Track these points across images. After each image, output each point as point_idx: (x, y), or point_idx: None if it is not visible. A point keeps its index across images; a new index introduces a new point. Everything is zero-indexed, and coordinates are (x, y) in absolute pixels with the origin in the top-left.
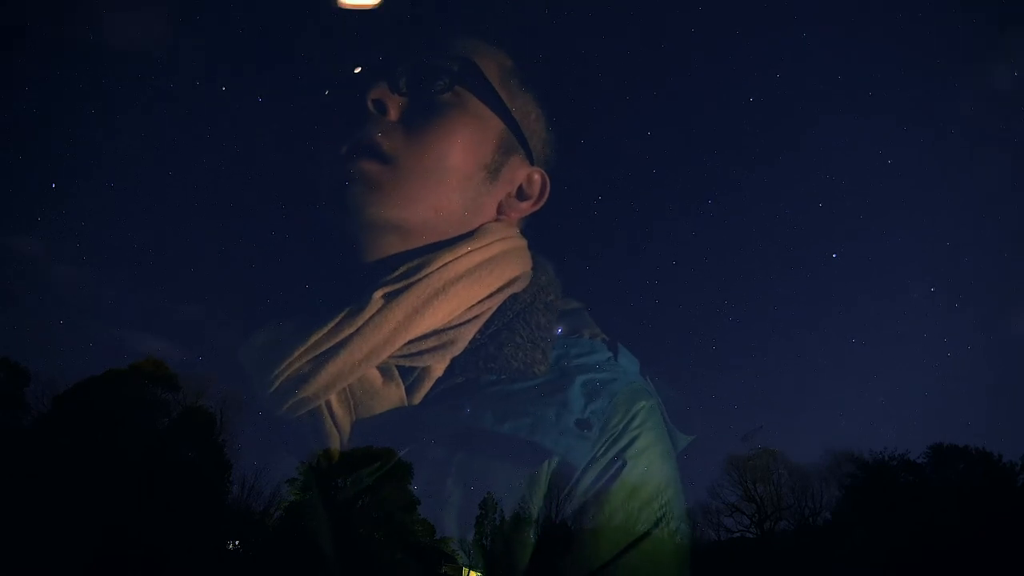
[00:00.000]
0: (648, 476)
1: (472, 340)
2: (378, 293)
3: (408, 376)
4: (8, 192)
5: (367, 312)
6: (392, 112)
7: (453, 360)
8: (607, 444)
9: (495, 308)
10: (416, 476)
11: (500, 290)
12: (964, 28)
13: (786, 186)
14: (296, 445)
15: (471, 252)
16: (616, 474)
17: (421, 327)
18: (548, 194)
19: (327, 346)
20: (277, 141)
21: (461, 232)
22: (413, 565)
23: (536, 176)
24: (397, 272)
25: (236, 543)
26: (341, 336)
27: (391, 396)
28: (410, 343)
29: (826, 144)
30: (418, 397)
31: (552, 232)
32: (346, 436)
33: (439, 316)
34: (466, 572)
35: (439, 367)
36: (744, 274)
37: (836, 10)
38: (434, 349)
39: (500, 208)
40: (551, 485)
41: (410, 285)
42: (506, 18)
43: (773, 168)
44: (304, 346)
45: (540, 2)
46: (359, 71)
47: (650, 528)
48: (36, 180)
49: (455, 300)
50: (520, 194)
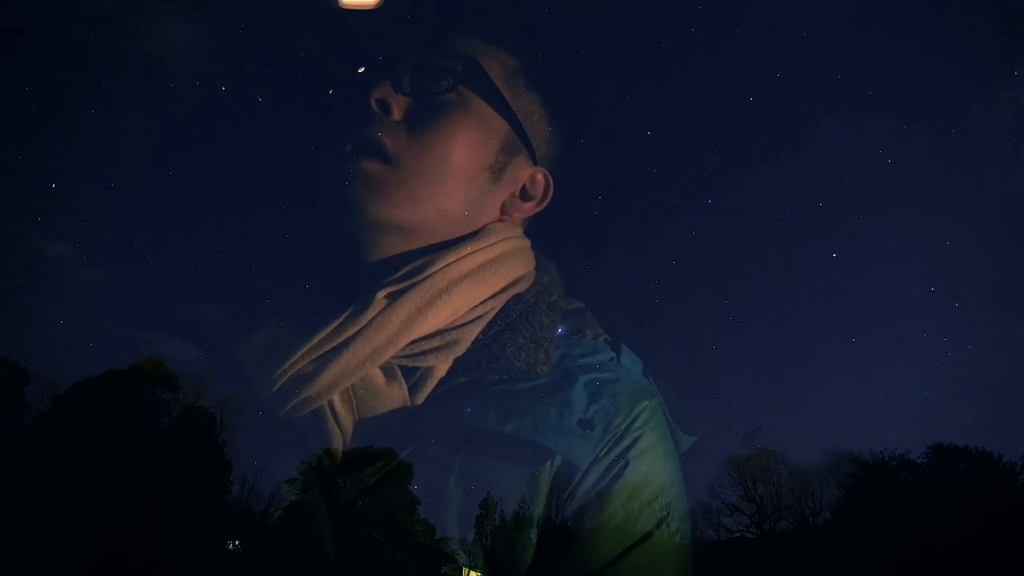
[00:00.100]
0: (650, 476)
1: (475, 340)
2: (381, 293)
3: (411, 376)
4: (8, 192)
5: (370, 312)
6: (395, 112)
7: (456, 360)
8: (609, 444)
9: (498, 308)
10: (418, 476)
11: (503, 290)
12: (964, 29)
13: (786, 186)
14: (298, 445)
15: (474, 252)
16: (618, 474)
17: (424, 327)
18: (552, 194)
19: (330, 346)
20: (278, 141)
21: (464, 232)
22: (413, 565)
23: (539, 176)
24: (400, 272)
25: (236, 543)
26: (344, 336)
27: (394, 396)
28: (413, 343)
29: (826, 144)
30: (421, 397)
31: (553, 232)
32: (349, 436)
33: (442, 316)
34: (466, 572)
35: (442, 367)
36: (744, 274)
37: (836, 10)
38: (437, 349)
39: (503, 208)
40: (553, 485)
41: (413, 285)
42: (508, 18)
43: (773, 168)
44: (307, 346)
45: (542, 2)
46: (363, 71)
47: (652, 528)
48: (36, 180)
49: (458, 300)
50: (523, 194)
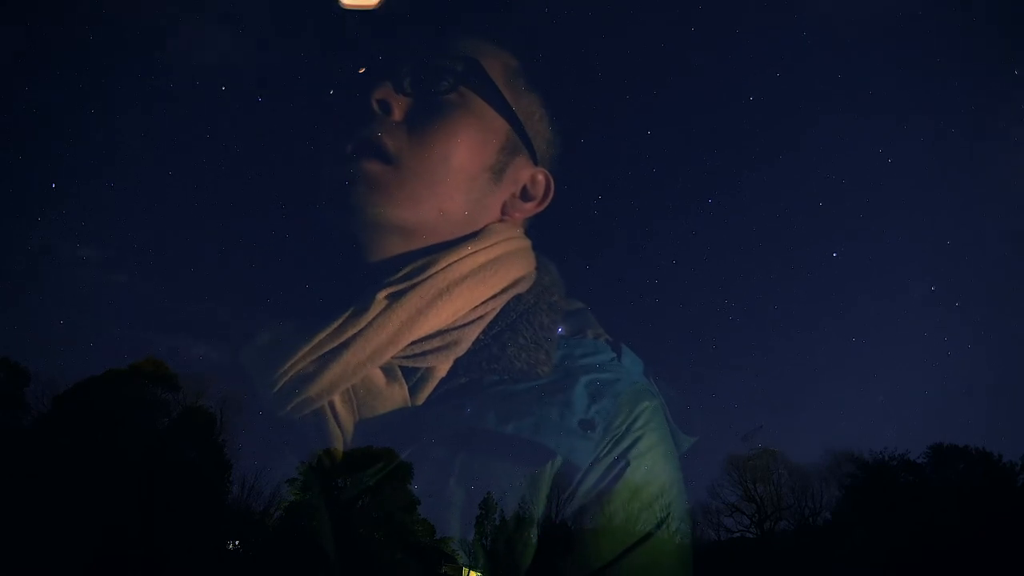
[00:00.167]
0: (651, 477)
1: (476, 341)
2: (382, 294)
3: (411, 376)
4: (8, 192)
5: (371, 312)
6: (396, 112)
7: (457, 361)
8: (610, 444)
9: (499, 309)
10: (419, 476)
11: (504, 291)
12: (964, 29)
13: (786, 186)
14: (298, 445)
15: (475, 253)
16: (619, 474)
17: (425, 328)
18: (553, 194)
19: (330, 346)
20: (278, 141)
21: (465, 233)
22: (413, 565)
23: (540, 176)
24: (401, 273)
25: (236, 543)
26: (345, 336)
27: (394, 396)
28: (414, 343)
29: (826, 144)
30: (421, 397)
31: (553, 232)
32: (349, 436)
33: (443, 317)
34: (466, 572)
35: (443, 367)
36: (744, 274)
37: (836, 10)
38: (438, 350)
39: (504, 209)
40: (554, 485)
41: (414, 286)
42: (509, 18)
43: (773, 168)
44: (307, 346)
45: (542, 2)
46: (363, 71)
47: (652, 529)
48: (36, 180)
49: (459, 301)
50: (524, 194)
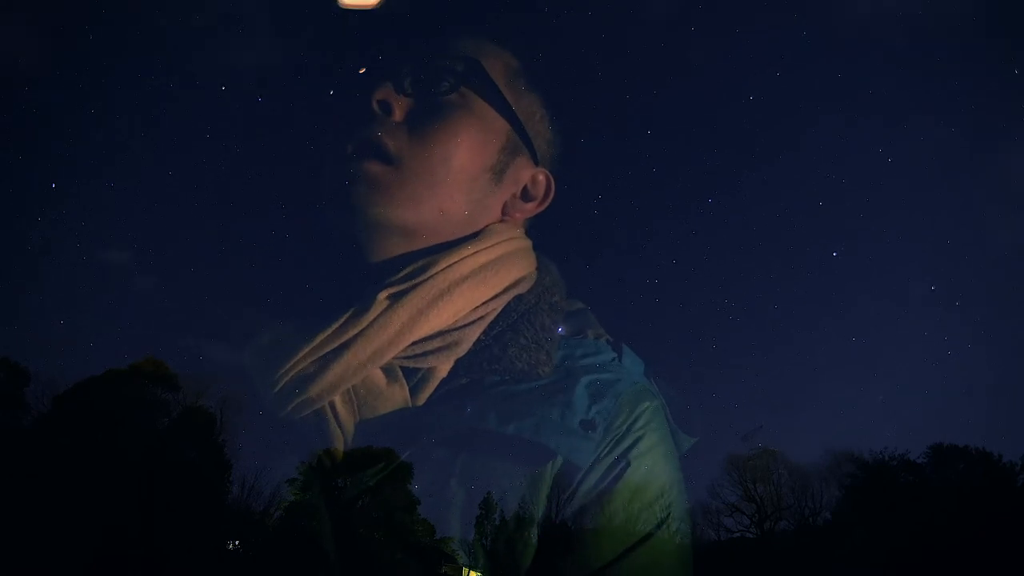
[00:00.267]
0: (651, 477)
1: (477, 341)
2: (383, 294)
3: (412, 377)
4: (8, 192)
5: (372, 313)
6: (397, 113)
7: (457, 361)
8: (611, 445)
9: (500, 309)
10: (419, 476)
11: (505, 291)
12: (964, 29)
13: (786, 185)
14: (299, 445)
15: (476, 253)
16: (620, 475)
17: (426, 328)
18: (553, 194)
19: (331, 347)
20: (279, 141)
21: (466, 233)
22: (413, 565)
23: (541, 177)
24: (402, 273)
25: (236, 543)
26: (345, 337)
27: (395, 397)
28: (414, 344)
29: (826, 144)
30: (422, 398)
31: (554, 232)
32: (350, 437)
33: (444, 317)
34: (466, 572)
35: (443, 368)
36: (744, 273)
37: (836, 10)
38: (438, 350)
39: (505, 209)
40: (554, 485)
41: (415, 286)
42: (509, 18)
43: (773, 167)
44: (308, 347)
45: (542, 2)
46: (363, 72)
47: (652, 529)
48: (36, 180)
49: (460, 301)
50: (525, 195)
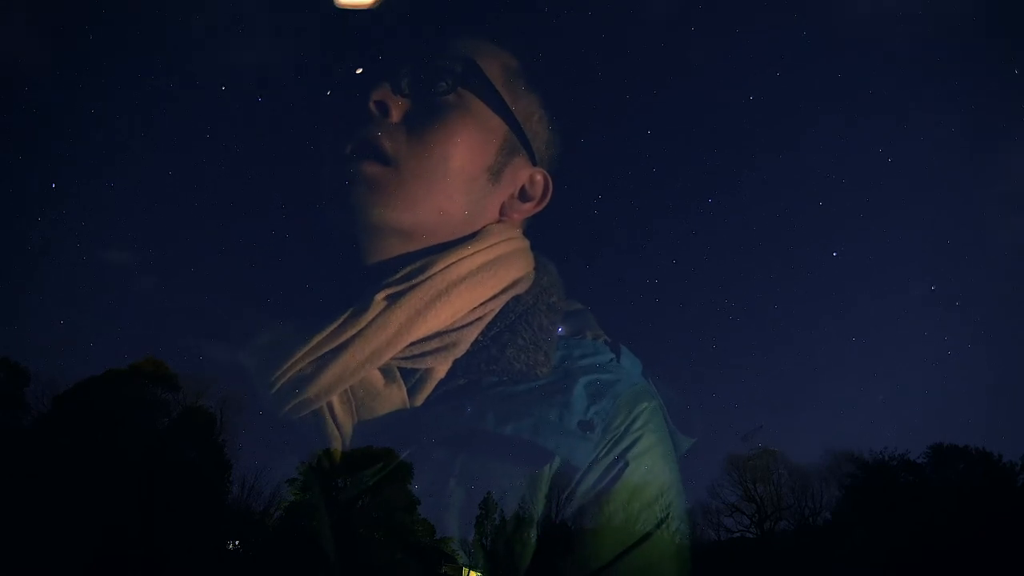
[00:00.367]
0: (650, 477)
1: (475, 342)
2: (380, 295)
3: (410, 378)
4: (8, 192)
5: (369, 314)
6: (394, 114)
7: (455, 362)
8: (609, 445)
9: (498, 310)
10: (418, 477)
11: (503, 292)
12: (964, 28)
13: (786, 185)
14: (298, 446)
15: (474, 254)
16: (618, 475)
17: (423, 329)
18: (551, 195)
19: (329, 347)
20: (278, 141)
21: (463, 234)
22: (413, 565)
23: (539, 177)
24: (399, 274)
25: (236, 543)
26: (343, 338)
27: (393, 398)
28: (412, 345)
29: (826, 144)
30: (420, 399)
31: (553, 231)
32: (348, 437)
33: (442, 318)
34: (466, 572)
35: (441, 369)
36: (744, 273)
37: (836, 9)
38: (436, 351)
39: (502, 209)
40: (553, 485)
41: (413, 287)
42: (508, 18)
43: (773, 167)
44: (306, 347)
45: (542, 3)
46: (361, 72)
47: (652, 529)
48: (36, 180)
49: (458, 302)
50: (522, 195)
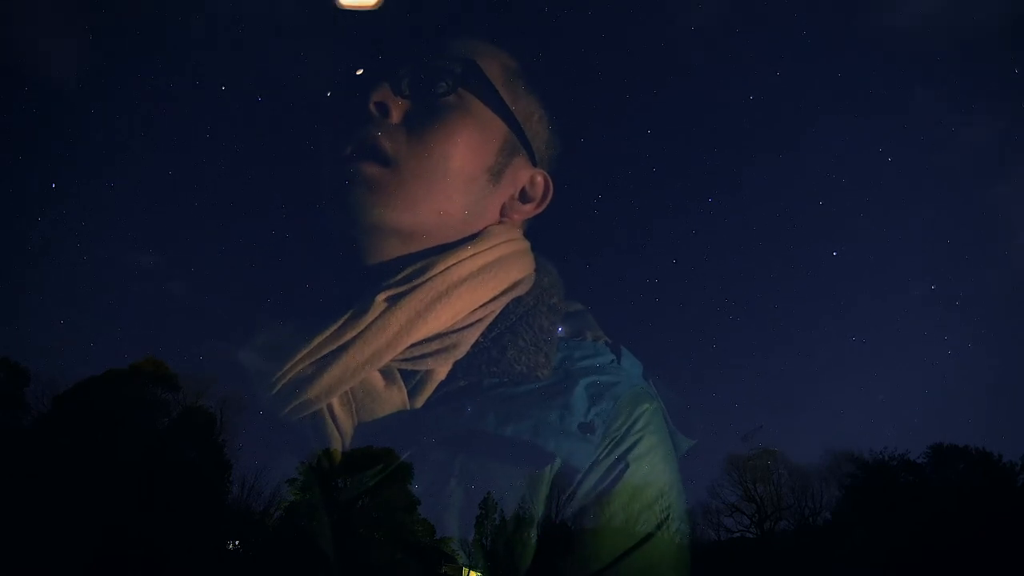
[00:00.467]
0: (650, 478)
1: (475, 343)
2: (380, 296)
3: (410, 379)
4: (8, 192)
5: (369, 315)
6: (394, 114)
7: (456, 363)
8: (609, 447)
9: (498, 311)
10: (418, 477)
11: (503, 293)
12: (964, 28)
13: (786, 185)
14: (298, 447)
15: (474, 255)
16: (618, 476)
17: (424, 331)
18: (551, 196)
19: (329, 349)
20: (278, 142)
21: (464, 235)
22: (413, 565)
23: (539, 178)
24: (400, 275)
25: (236, 543)
26: (343, 339)
27: (393, 399)
28: (413, 346)
29: (826, 143)
30: (420, 400)
31: (552, 231)
32: (348, 439)
33: (442, 320)
34: (466, 572)
35: (442, 370)
36: (744, 273)
37: (836, 9)
38: (437, 352)
39: (503, 210)
40: (553, 486)
41: (413, 288)
42: (508, 18)
43: (773, 167)
44: (306, 349)
45: (542, 3)
46: (361, 72)
47: (652, 530)
48: (36, 180)
49: (458, 303)
50: (523, 196)
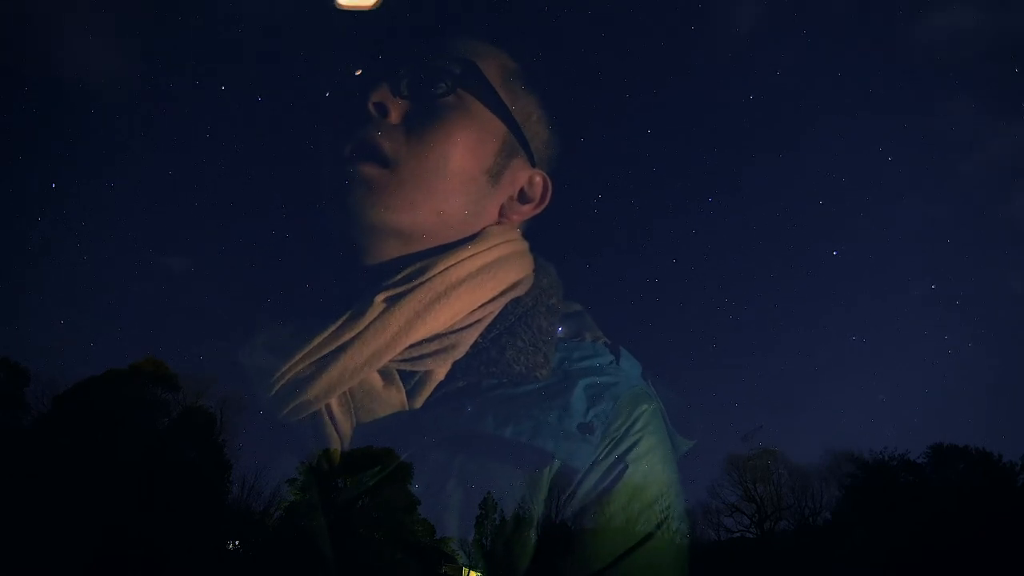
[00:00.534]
0: (649, 479)
1: (474, 344)
2: (379, 297)
3: (409, 380)
4: (8, 192)
5: (368, 316)
6: (393, 115)
7: (455, 364)
8: (609, 447)
9: (497, 312)
10: (417, 479)
11: (502, 294)
12: (964, 27)
13: (786, 184)
14: (298, 446)
15: (473, 256)
16: (618, 477)
17: (423, 331)
18: (550, 196)
19: (328, 350)
20: (277, 142)
21: (463, 236)
22: (413, 565)
23: (538, 178)
24: (399, 276)
25: (236, 543)
26: (342, 340)
27: (392, 400)
28: (411, 347)
29: (826, 143)
30: (419, 401)
31: (552, 231)
32: (346, 439)
33: (441, 320)
34: (466, 572)
35: (441, 371)
36: (744, 272)
37: (837, 10)
38: (436, 353)
39: (502, 211)
40: (552, 486)
41: (412, 289)
42: (507, 19)
43: (773, 166)
44: (305, 349)
45: (542, 3)
46: (360, 73)
47: (652, 530)
48: (36, 180)
49: (457, 304)
50: (522, 197)
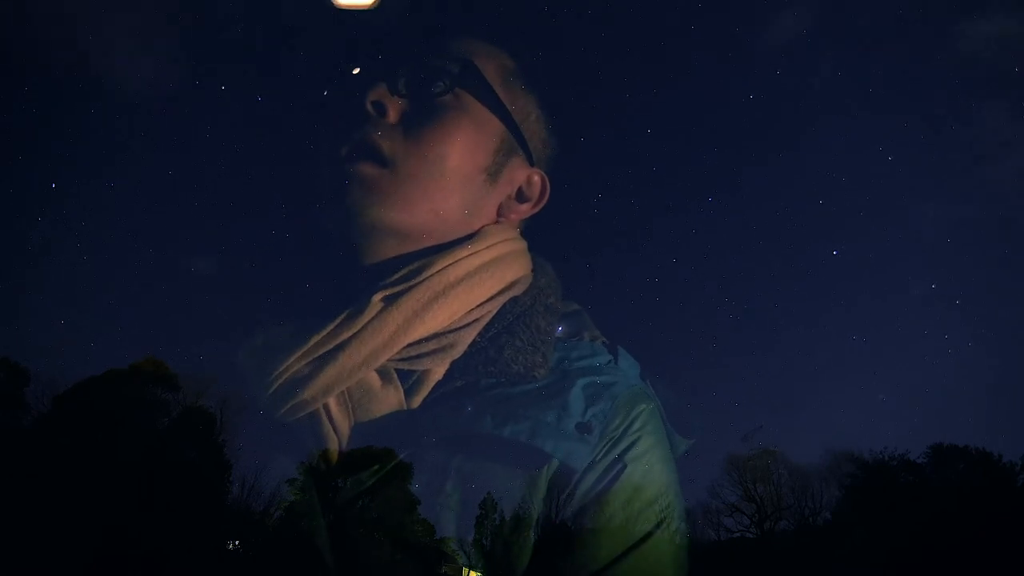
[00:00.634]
0: (648, 479)
1: (472, 343)
2: (377, 296)
3: (407, 379)
4: (8, 192)
5: (366, 315)
6: (391, 114)
7: (452, 363)
8: (607, 447)
9: (495, 311)
10: (416, 477)
11: (500, 293)
12: (964, 27)
13: (787, 183)
14: (296, 447)
15: (471, 255)
16: (616, 476)
17: (420, 330)
18: (548, 196)
19: (325, 349)
20: (276, 141)
21: (460, 235)
22: (413, 565)
23: (536, 178)
24: (396, 275)
25: (236, 543)
26: (339, 339)
27: (390, 399)
28: (409, 346)
29: (826, 142)
30: (417, 400)
31: (551, 231)
32: (344, 439)
33: (439, 319)
34: (466, 572)
35: (438, 370)
36: (744, 272)
37: (837, 8)
38: (433, 352)
39: (500, 210)
40: (551, 486)
41: (409, 288)
42: (506, 18)
43: (773, 165)
44: (302, 349)
45: (540, 3)
46: (357, 72)
47: (651, 529)
48: (36, 180)
49: (455, 303)
50: (520, 196)
